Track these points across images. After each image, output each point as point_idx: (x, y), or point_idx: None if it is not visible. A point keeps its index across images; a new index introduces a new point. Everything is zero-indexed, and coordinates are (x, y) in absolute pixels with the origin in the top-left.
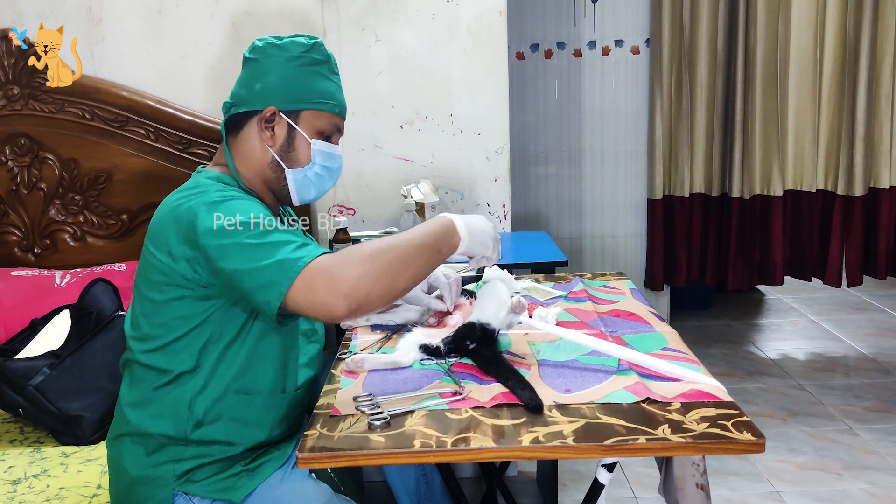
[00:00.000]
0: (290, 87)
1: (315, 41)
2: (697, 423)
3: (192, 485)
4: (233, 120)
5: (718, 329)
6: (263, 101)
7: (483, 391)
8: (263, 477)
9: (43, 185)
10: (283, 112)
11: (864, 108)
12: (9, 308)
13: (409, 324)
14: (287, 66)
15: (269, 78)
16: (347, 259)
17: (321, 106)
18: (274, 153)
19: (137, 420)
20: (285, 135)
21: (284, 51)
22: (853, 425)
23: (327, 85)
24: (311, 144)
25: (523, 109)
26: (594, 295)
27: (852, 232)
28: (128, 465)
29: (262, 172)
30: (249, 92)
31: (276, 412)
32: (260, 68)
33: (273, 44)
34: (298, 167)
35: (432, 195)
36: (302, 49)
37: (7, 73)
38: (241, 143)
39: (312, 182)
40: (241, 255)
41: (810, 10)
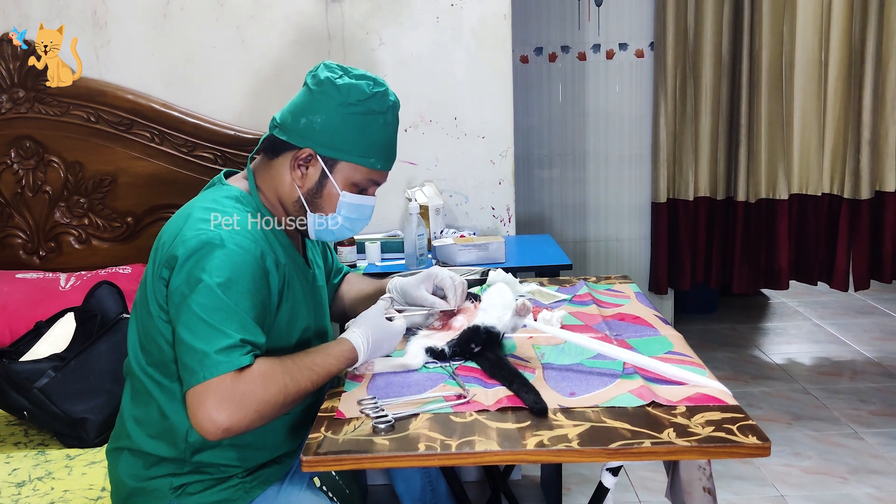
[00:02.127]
0: (334, 133)
1: (378, 91)
2: (702, 427)
3: (189, 497)
4: (272, 141)
5: (723, 333)
6: (304, 139)
7: (487, 394)
8: (261, 490)
9: (48, 188)
10: (320, 157)
11: (870, 111)
12: (14, 310)
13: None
14: (338, 111)
15: (317, 118)
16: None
17: (363, 161)
18: (300, 194)
19: (137, 437)
20: (317, 180)
21: (341, 94)
22: (858, 429)
23: (377, 138)
24: (341, 196)
25: (527, 113)
26: (599, 298)
27: (858, 236)
28: (125, 478)
29: (284, 204)
30: (294, 123)
31: (277, 434)
32: (312, 102)
33: (332, 81)
34: (322, 213)
35: (437, 198)
36: (360, 97)
37: (12, 76)
38: (273, 170)
39: (332, 231)
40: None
41: (815, 13)
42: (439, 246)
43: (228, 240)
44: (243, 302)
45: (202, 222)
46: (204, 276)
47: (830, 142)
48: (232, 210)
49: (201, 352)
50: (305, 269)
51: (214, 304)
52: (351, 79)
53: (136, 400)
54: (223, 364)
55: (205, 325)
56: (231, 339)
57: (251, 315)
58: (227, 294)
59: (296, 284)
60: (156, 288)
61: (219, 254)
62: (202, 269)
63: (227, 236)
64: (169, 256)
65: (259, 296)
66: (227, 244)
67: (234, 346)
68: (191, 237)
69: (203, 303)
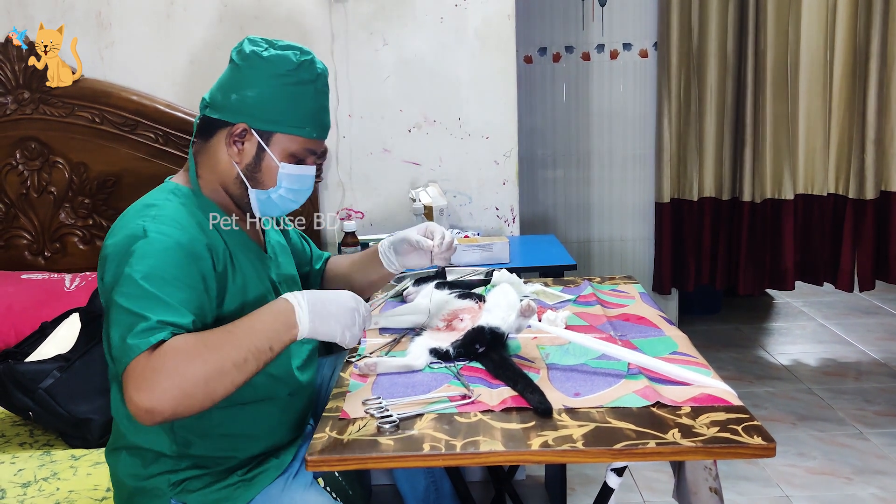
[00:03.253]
0: (267, 106)
1: (306, 59)
2: (707, 428)
3: (189, 495)
4: (205, 123)
5: (728, 333)
6: (236, 114)
7: (492, 395)
8: (261, 487)
9: (53, 189)
10: (255, 130)
11: (875, 111)
12: (19, 311)
13: (417, 327)
14: (269, 82)
15: (248, 92)
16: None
17: (298, 131)
18: (239, 170)
19: (131, 435)
20: (254, 154)
21: (269, 65)
22: (863, 430)
23: (310, 107)
24: (280, 168)
25: (531, 113)
26: (603, 299)
27: (864, 236)
28: (124, 478)
29: (225, 184)
30: (225, 100)
31: (269, 420)
32: (241, 78)
33: (259, 54)
34: (263, 188)
35: (440, 199)
36: (289, 66)
37: (17, 78)
38: (209, 150)
39: (276, 204)
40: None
41: (820, 13)
42: None
43: (152, 229)
44: (166, 287)
45: (131, 218)
46: (126, 269)
47: (836, 142)
48: (164, 202)
49: (120, 340)
50: (262, 255)
51: (136, 292)
52: (277, 50)
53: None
54: (136, 346)
55: (126, 314)
56: (148, 321)
57: (176, 299)
58: (148, 282)
59: (248, 270)
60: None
61: (141, 244)
62: (126, 263)
63: (152, 226)
64: (100, 258)
65: (188, 280)
66: (150, 233)
67: (149, 329)
68: (116, 234)
69: (126, 292)
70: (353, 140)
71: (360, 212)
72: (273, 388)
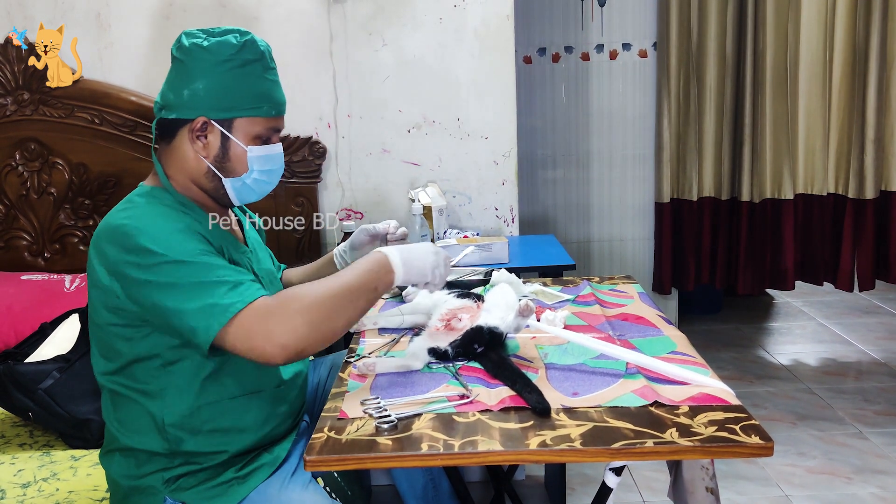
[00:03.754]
0: (220, 94)
1: (245, 39)
2: (705, 427)
3: (183, 492)
4: (163, 125)
5: (727, 333)
6: (193, 109)
7: (491, 394)
8: (255, 483)
9: (52, 190)
10: (215, 121)
11: (875, 111)
12: (19, 312)
13: (416, 328)
14: (215, 70)
15: (197, 85)
16: (284, 309)
17: (255, 112)
18: (209, 163)
19: (124, 437)
20: (219, 144)
21: (212, 54)
22: (863, 429)
23: (261, 86)
24: (248, 152)
25: (531, 113)
26: (602, 298)
27: (864, 236)
28: (118, 479)
29: (197, 181)
30: (178, 98)
31: (257, 413)
32: (187, 72)
33: (199, 45)
34: (235, 176)
35: (440, 199)
36: (231, 51)
37: (17, 79)
38: (174, 151)
39: (252, 188)
40: (167, 294)
41: (819, 12)
42: (443, 247)
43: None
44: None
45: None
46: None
47: (835, 142)
48: (145, 203)
49: (206, 308)
50: (243, 248)
51: (186, 269)
52: (216, 37)
53: (115, 404)
54: (235, 304)
55: (193, 287)
56: (227, 283)
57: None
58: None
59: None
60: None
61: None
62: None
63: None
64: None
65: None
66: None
67: (236, 285)
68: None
69: (177, 272)
70: (352, 140)
71: (360, 212)
72: (259, 380)
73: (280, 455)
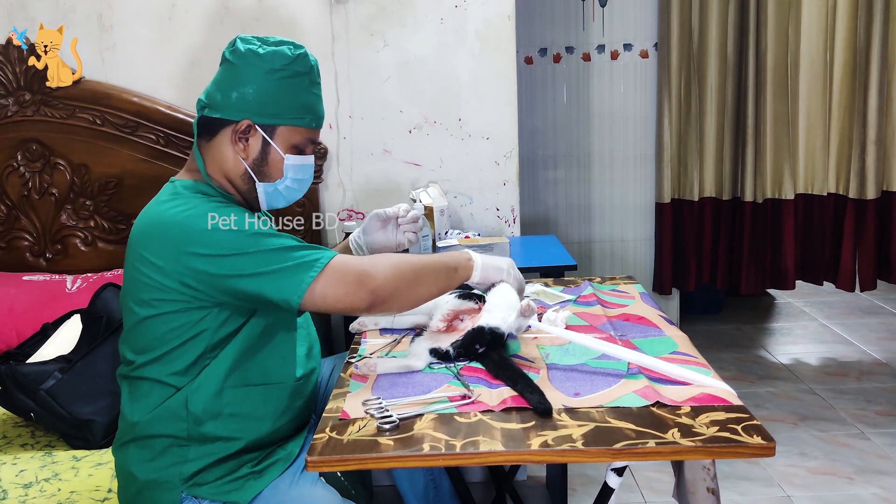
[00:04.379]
0: (268, 101)
1: (299, 52)
2: (707, 427)
3: (200, 487)
4: (206, 122)
5: (729, 333)
6: (239, 112)
7: (492, 395)
8: (271, 478)
9: (54, 191)
10: (258, 126)
11: (876, 111)
12: (20, 313)
13: (417, 328)
14: (267, 78)
15: (247, 89)
16: (374, 262)
17: (298, 122)
18: (247, 166)
19: (140, 426)
20: (259, 148)
21: (266, 62)
22: (865, 430)
23: (307, 98)
24: (285, 159)
25: (532, 114)
26: (603, 299)
27: (865, 236)
28: (135, 470)
29: (232, 180)
30: (225, 99)
31: (276, 404)
32: (238, 76)
33: (255, 52)
34: (270, 181)
35: (441, 199)
36: (285, 61)
37: (18, 79)
38: (214, 149)
39: (283, 195)
40: (250, 263)
41: (820, 13)
42: (444, 247)
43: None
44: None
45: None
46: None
47: (836, 142)
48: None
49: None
50: None
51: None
52: (271, 46)
53: (135, 395)
54: (320, 259)
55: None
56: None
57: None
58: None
59: None
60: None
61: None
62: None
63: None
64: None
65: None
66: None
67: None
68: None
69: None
70: (353, 141)
71: (361, 213)
72: (283, 371)
73: (293, 451)
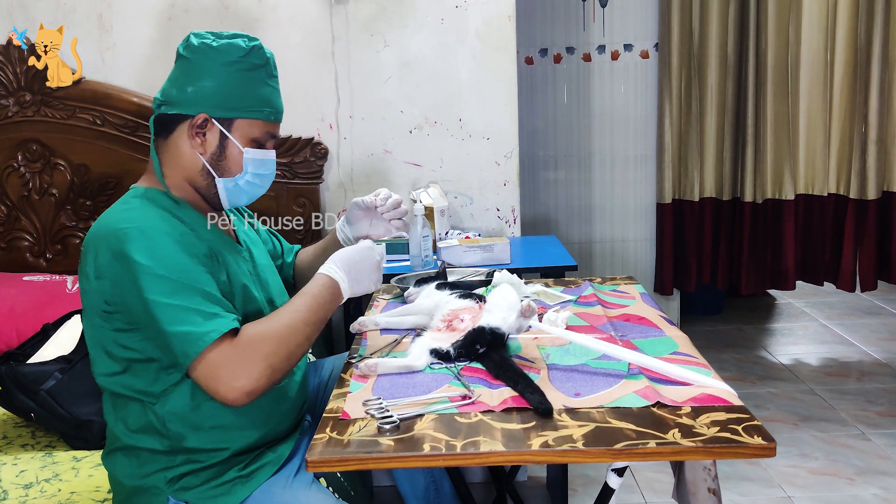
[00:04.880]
0: (224, 94)
1: (254, 44)
2: (708, 428)
3: (186, 492)
4: (162, 120)
5: (729, 333)
6: (195, 106)
7: (493, 395)
8: (259, 482)
9: (54, 191)
10: (215, 119)
11: (877, 111)
12: (21, 313)
13: (418, 328)
14: (223, 71)
15: (203, 82)
16: (252, 353)
17: (256, 114)
18: (205, 161)
19: (124, 437)
20: (217, 143)
21: (221, 54)
22: (866, 430)
23: (264, 91)
24: (244, 153)
25: (532, 114)
26: (604, 299)
27: (865, 236)
28: (122, 478)
29: (191, 178)
30: (181, 94)
31: (257, 411)
32: (193, 70)
33: (209, 45)
34: (230, 176)
35: (441, 200)
36: (240, 53)
37: (19, 80)
38: (171, 146)
39: (244, 190)
40: (151, 307)
41: (821, 13)
42: (444, 247)
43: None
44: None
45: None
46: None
47: (836, 142)
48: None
49: (182, 335)
50: (237, 247)
51: (167, 287)
52: (225, 39)
53: (116, 405)
54: (207, 336)
55: (171, 308)
56: (202, 312)
57: (206, 285)
58: (175, 275)
59: (231, 264)
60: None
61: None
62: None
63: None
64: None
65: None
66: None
67: (211, 315)
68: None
69: (157, 290)
70: (354, 141)
71: None
72: None
73: (283, 454)
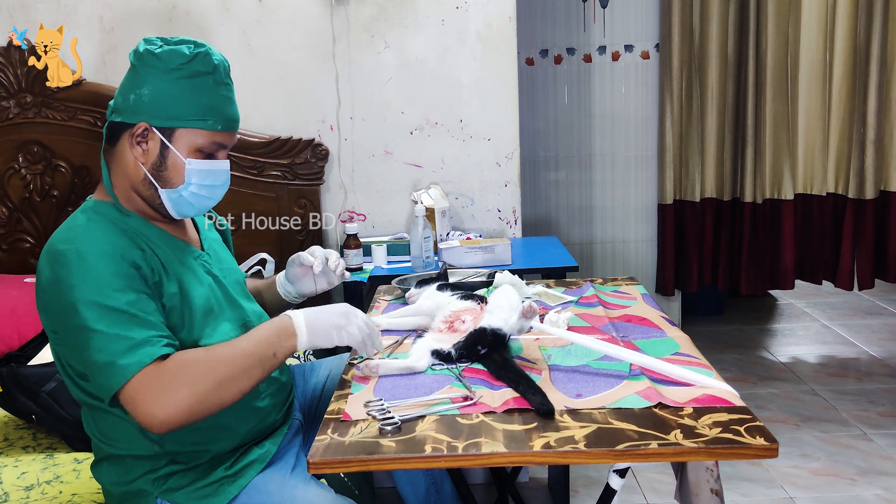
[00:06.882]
0: (163, 102)
1: (199, 51)
2: (710, 428)
3: (174, 493)
4: (111, 128)
5: (730, 334)
6: (136, 114)
7: (494, 396)
8: (246, 480)
9: (55, 193)
10: (156, 128)
11: (875, 111)
12: (22, 315)
13: (419, 329)
14: (162, 78)
15: (143, 90)
16: (173, 381)
17: (199, 124)
18: (146, 171)
19: (106, 447)
20: (158, 152)
21: (162, 61)
22: (867, 430)
23: (210, 99)
24: (186, 164)
25: (533, 115)
26: (605, 300)
27: (863, 235)
28: (109, 486)
29: (136, 188)
30: (125, 101)
31: (237, 411)
32: (136, 77)
33: (151, 52)
34: (172, 187)
35: (442, 201)
36: (181, 60)
37: (20, 82)
38: (118, 155)
39: (189, 202)
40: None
41: (820, 14)
42: (445, 248)
43: (85, 251)
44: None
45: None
46: (76, 293)
47: (835, 142)
48: (86, 222)
49: (108, 363)
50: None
51: (96, 314)
52: (170, 45)
53: (94, 417)
54: (134, 364)
55: (104, 337)
56: (132, 340)
57: (142, 309)
58: (106, 300)
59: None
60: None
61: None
62: (70, 287)
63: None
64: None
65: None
66: (85, 255)
67: (138, 345)
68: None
69: (91, 316)
70: (354, 142)
71: (363, 214)
72: None
73: (271, 450)
